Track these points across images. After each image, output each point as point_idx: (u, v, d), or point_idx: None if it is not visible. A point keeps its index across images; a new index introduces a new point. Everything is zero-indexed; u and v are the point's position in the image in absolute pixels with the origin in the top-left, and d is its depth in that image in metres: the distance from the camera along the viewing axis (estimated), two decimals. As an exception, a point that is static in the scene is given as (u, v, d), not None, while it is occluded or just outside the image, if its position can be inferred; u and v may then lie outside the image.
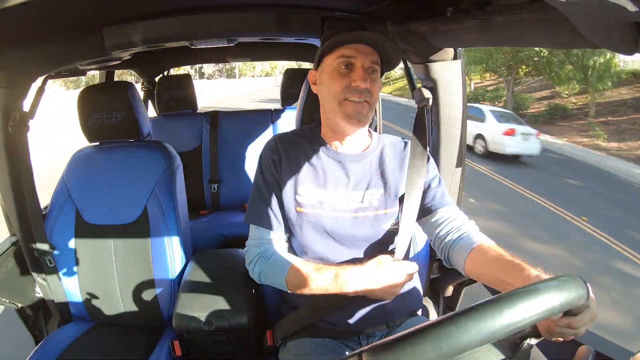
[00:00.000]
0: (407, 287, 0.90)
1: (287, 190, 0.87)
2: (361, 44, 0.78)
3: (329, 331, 0.86)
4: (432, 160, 0.92)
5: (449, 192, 0.93)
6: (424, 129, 0.92)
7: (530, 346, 0.51)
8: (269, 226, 0.88)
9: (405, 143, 0.93)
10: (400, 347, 0.32)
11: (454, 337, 0.32)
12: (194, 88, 2.22)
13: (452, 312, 0.35)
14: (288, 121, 2.12)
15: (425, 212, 0.88)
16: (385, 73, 0.93)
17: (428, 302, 1.23)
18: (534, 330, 0.52)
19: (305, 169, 0.87)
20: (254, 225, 0.90)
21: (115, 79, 2.24)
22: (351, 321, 0.85)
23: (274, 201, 0.88)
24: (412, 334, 0.33)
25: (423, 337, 0.32)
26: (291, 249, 0.93)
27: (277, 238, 0.90)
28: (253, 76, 41.39)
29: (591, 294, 0.48)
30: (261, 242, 0.89)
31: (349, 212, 0.85)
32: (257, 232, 0.90)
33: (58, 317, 1.23)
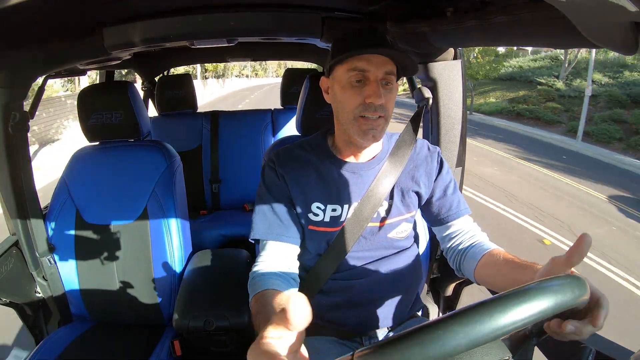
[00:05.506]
0: (408, 289, 0.90)
1: (299, 207, 0.82)
2: (374, 54, 0.73)
3: (331, 331, 0.86)
4: (446, 163, 0.88)
5: None
6: (418, 121, 0.92)
7: (534, 344, 0.50)
8: (281, 238, 0.80)
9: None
10: (388, 351, 0.33)
11: (441, 342, 0.32)
12: (194, 88, 2.22)
13: (440, 317, 0.35)
14: (288, 121, 2.12)
15: (441, 221, 0.86)
16: None
17: (428, 302, 1.23)
18: (538, 328, 0.51)
19: (317, 185, 0.82)
20: (263, 240, 0.82)
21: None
22: (352, 322, 0.85)
23: (286, 212, 0.81)
24: (400, 337, 0.34)
25: (411, 340, 0.33)
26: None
27: (287, 252, 0.81)
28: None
29: (594, 292, 0.46)
30: (262, 260, 0.80)
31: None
32: (263, 248, 0.81)
33: (58, 316, 1.23)
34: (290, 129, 2.09)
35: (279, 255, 0.80)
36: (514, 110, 13.24)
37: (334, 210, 0.82)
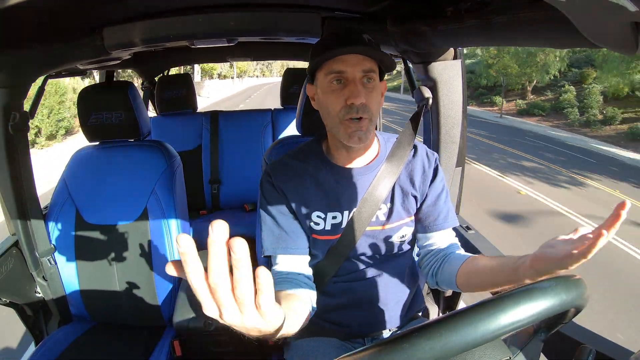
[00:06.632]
0: (409, 290, 0.90)
1: (301, 218, 0.82)
2: (349, 54, 0.71)
3: (333, 332, 0.86)
4: (441, 172, 0.86)
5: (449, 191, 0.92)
6: (417, 121, 0.91)
7: (542, 340, 0.49)
8: (289, 251, 0.80)
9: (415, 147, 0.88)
10: (372, 356, 0.34)
11: (421, 350, 0.33)
12: (194, 88, 2.22)
13: (424, 323, 0.36)
14: (288, 121, 2.12)
15: (425, 229, 0.85)
16: None
17: (429, 302, 1.23)
18: (546, 324, 0.49)
19: (316, 193, 0.81)
20: (275, 255, 0.81)
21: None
22: (355, 323, 0.85)
23: (291, 225, 0.81)
24: (385, 343, 0.34)
25: (393, 346, 0.34)
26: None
27: (298, 263, 0.81)
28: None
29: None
30: (275, 273, 0.79)
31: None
32: (275, 263, 0.81)
33: (58, 317, 1.23)
34: (290, 129, 2.09)
35: (291, 268, 0.80)
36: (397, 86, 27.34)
37: (334, 217, 0.81)
